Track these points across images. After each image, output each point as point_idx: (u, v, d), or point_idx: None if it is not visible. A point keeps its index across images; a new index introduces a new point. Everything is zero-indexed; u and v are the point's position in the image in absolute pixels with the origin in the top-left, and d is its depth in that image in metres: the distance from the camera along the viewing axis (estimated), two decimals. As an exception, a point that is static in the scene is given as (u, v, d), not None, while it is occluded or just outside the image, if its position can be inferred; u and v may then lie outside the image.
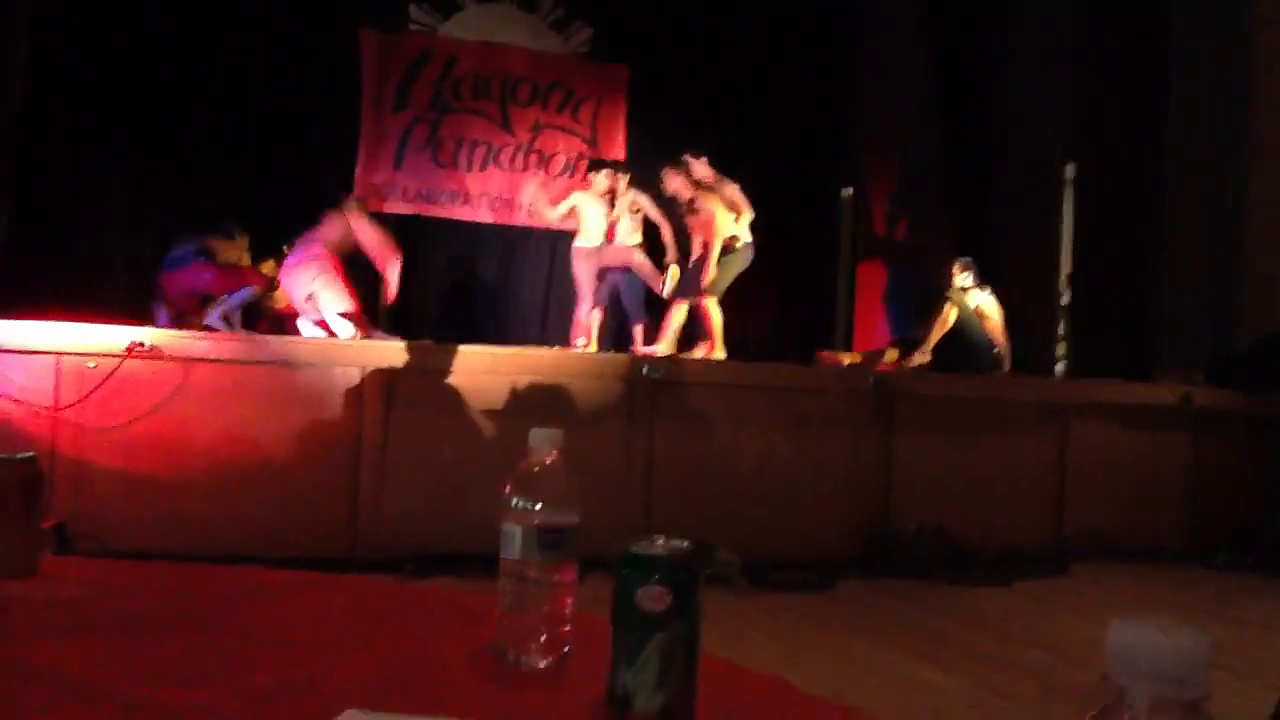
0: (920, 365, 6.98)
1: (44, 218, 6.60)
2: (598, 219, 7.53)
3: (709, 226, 6.93)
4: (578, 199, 7.65)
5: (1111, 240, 7.40)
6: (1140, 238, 7.24)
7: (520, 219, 8.98)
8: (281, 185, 8.33)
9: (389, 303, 7.02)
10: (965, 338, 7.18)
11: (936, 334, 7.17)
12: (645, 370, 5.00)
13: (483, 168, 8.92)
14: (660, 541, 0.96)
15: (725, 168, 7.82)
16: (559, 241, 8.87)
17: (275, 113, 8.26)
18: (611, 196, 7.61)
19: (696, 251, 7.10)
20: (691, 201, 7.06)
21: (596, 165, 7.89)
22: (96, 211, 7.20)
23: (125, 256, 7.52)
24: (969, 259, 7.45)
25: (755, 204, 7.54)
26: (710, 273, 6.84)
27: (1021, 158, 8.45)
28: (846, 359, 7.50)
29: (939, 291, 7.53)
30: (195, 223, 7.09)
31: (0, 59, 5.86)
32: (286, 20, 8.21)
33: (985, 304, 7.28)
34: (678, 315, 7.04)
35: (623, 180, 7.64)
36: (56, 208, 6.82)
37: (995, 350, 7.17)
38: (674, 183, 7.09)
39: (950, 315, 7.18)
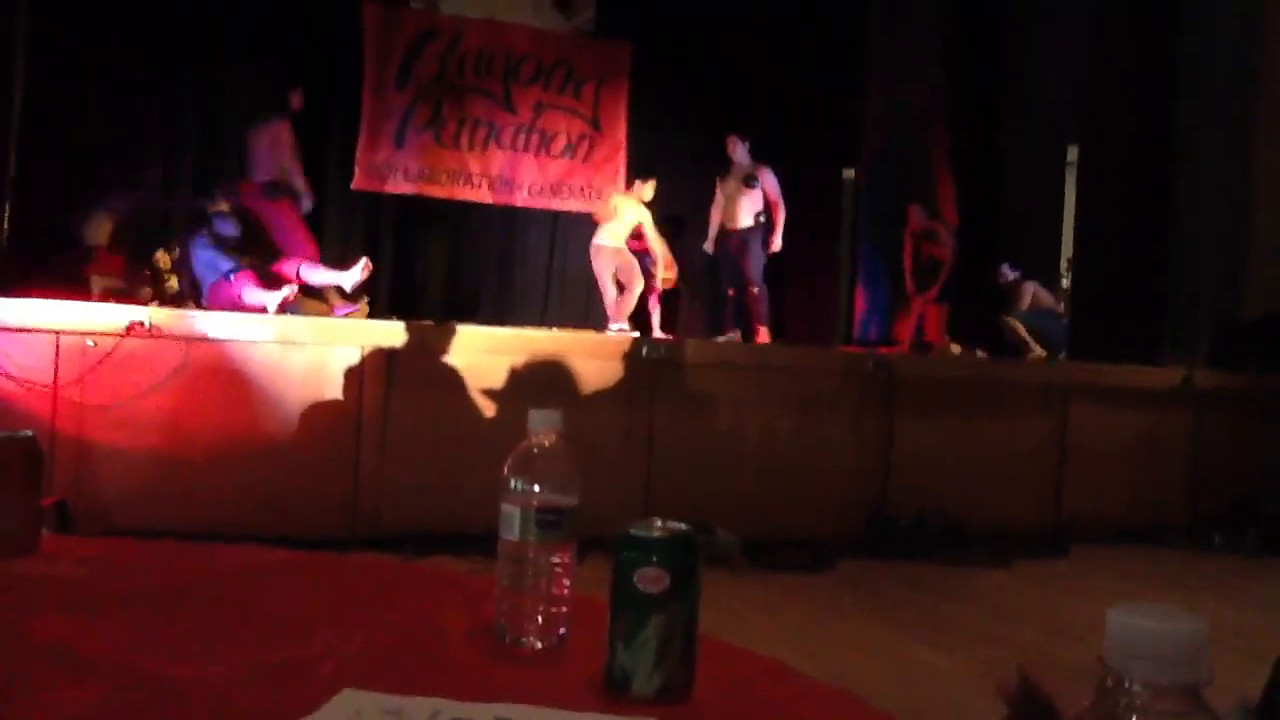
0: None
1: (45, 201, 6.60)
2: (628, 223, 7.57)
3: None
4: (621, 202, 7.66)
5: (1114, 222, 7.39)
6: (1143, 220, 7.22)
7: (521, 200, 8.97)
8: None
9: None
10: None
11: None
12: (645, 351, 5.00)
13: (484, 148, 8.90)
14: (659, 523, 0.96)
15: (725, 148, 7.83)
16: (560, 222, 8.89)
17: (279, 90, 8.25)
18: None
19: None
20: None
21: (646, 176, 7.87)
22: (94, 194, 7.19)
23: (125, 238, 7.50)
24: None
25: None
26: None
27: (1025, 140, 8.44)
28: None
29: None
30: (192, 200, 7.09)
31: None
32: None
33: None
34: None
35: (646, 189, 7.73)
36: (57, 192, 6.82)
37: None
38: None
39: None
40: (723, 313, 8.10)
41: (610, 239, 7.49)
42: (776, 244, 7.60)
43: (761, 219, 7.57)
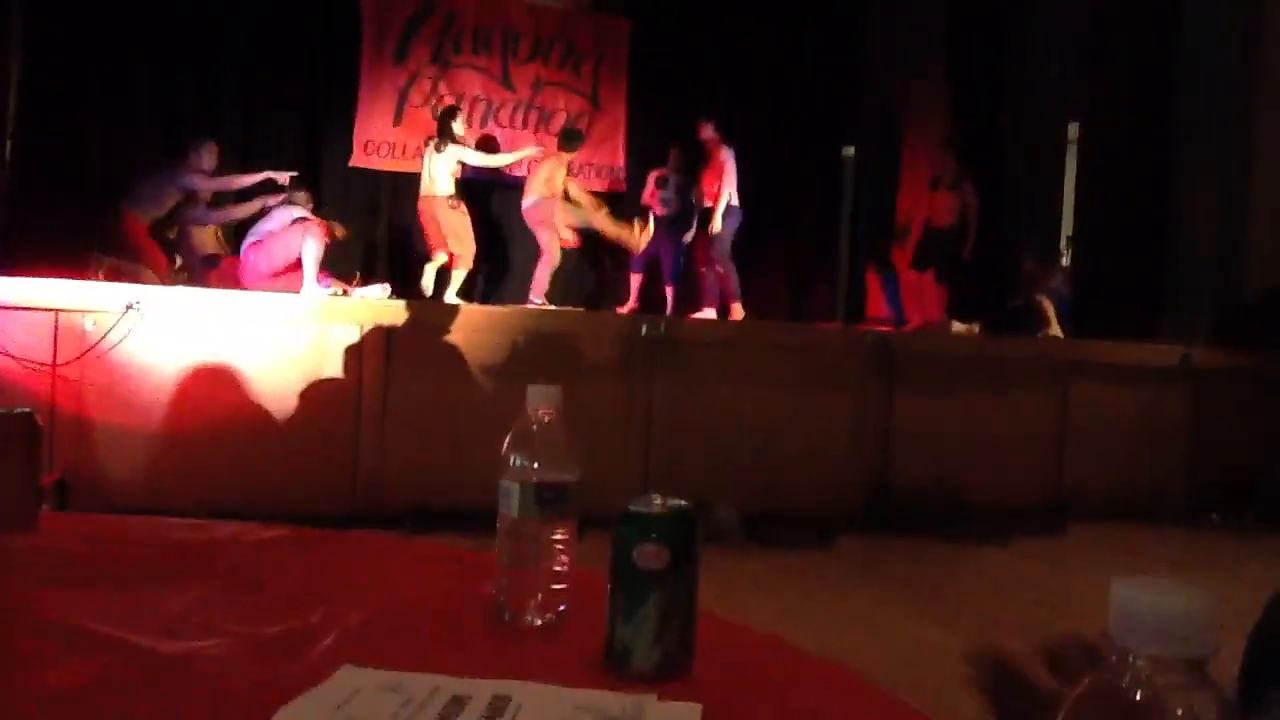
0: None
1: (45, 177, 6.57)
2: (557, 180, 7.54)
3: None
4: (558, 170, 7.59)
5: (1114, 200, 7.37)
6: (1143, 198, 7.20)
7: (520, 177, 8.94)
8: (283, 138, 8.32)
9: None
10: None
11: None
12: (644, 329, 4.99)
13: (482, 125, 8.87)
14: (658, 499, 0.95)
15: (726, 125, 7.80)
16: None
17: (277, 66, 8.24)
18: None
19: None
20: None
21: (575, 137, 7.83)
22: (94, 171, 7.14)
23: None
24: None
25: (756, 162, 7.56)
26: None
27: (1025, 117, 8.41)
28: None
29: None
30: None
31: None
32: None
33: None
34: None
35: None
36: (56, 168, 6.79)
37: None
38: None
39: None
40: (699, 289, 8.09)
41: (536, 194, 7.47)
42: (715, 224, 7.57)
43: (731, 199, 7.53)
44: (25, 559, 1.26)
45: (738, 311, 7.51)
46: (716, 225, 7.51)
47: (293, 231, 6.03)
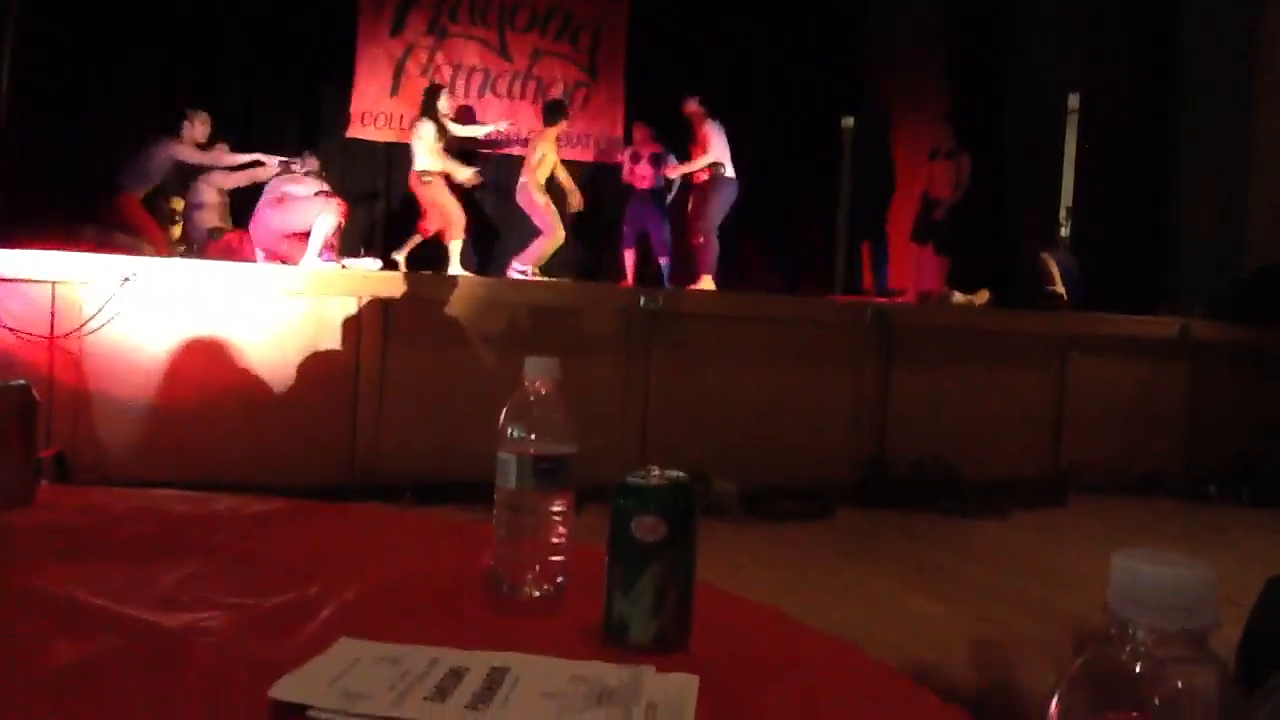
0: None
1: (40, 151, 6.54)
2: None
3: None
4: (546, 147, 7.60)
5: (1114, 171, 7.34)
6: (1144, 169, 7.17)
7: (518, 148, 8.90)
8: (280, 110, 8.29)
9: None
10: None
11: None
12: (643, 301, 4.98)
13: (480, 95, 8.83)
14: (656, 472, 0.95)
15: (726, 97, 7.75)
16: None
17: (273, 38, 8.18)
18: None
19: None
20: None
21: (559, 108, 7.82)
22: (89, 145, 7.10)
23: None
24: None
25: (755, 134, 7.50)
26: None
27: (1025, 88, 8.36)
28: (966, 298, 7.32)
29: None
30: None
31: None
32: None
33: None
34: None
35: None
36: (52, 141, 6.77)
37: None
38: None
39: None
40: (691, 261, 8.08)
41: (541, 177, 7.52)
42: (671, 172, 7.79)
43: (724, 171, 7.50)
44: (23, 533, 1.26)
45: (707, 283, 7.49)
46: (671, 174, 7.63)
47: (314, 202, 6.06)
